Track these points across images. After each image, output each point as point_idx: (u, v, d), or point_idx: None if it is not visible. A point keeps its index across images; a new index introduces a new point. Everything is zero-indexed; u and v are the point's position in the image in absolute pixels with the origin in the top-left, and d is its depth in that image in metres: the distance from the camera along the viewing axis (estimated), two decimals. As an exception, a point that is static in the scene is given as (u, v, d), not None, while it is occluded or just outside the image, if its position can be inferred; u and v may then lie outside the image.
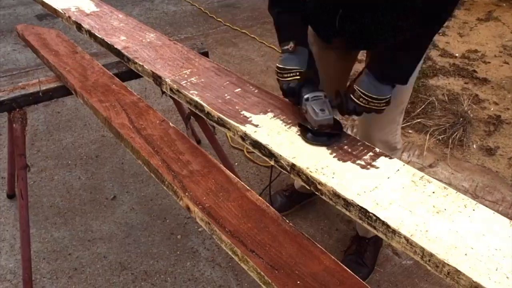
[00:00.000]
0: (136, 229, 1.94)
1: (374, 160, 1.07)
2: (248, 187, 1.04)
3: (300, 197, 1.99)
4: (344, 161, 1.06)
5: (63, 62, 1.57)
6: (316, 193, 1.05)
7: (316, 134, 1.07)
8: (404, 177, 1.01)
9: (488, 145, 2.31)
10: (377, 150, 1.10)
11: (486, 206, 0.97)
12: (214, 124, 1.27)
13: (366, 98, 1.09)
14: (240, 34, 3.73)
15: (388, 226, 0.91)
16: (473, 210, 0.93)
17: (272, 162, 1.14)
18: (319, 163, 1.06)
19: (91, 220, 1.99)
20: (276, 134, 1.15)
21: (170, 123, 1.25)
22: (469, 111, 2.42)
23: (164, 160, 1.11)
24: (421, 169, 2.21)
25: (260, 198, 1.01)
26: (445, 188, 0.98)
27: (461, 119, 2.39)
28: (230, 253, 0.93)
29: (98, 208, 2.05)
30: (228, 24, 3.95)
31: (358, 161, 1.06)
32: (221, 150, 1.91)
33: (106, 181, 2.19)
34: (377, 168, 1.04)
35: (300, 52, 1.15)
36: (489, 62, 2.91)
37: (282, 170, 1.12)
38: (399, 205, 0.94)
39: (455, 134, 2.33)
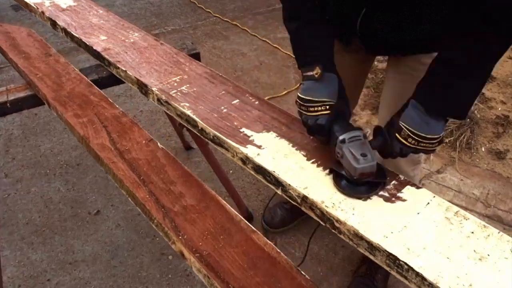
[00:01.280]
0: (123, 249, 1.77)
1: (399, 190, 0.90)
2: (253, 228, 0.87)
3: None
4: (366, 192, 0.90)
5: (34, 67, 1.37)
6: (333, 231, 0.89)
7: (353, 183, 0.87)
8: (437, 213, 0.85)
9: (497, 148, 2.17)
10: (401, 177, 0.94)
11: (500, 216, 0.81)
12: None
13: (416, 138, 0.86)
14: (231, 26, 3.53)
15: (423, 279, 0.75)
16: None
17: (279, 192, 0.97)
18: (335, 195, 0.89)
19: (72, 239, 1.80)
20: (282, 157, 0.99)
21: (159, 144, 1.07)
22: (476, 111, 2.28)
23: (152, 192, 0.93)
24: (429, 175, 2.07)
25: (269, 242, 0.84)
26: (484, 226, 0.83)
27: (468, 120, 2.24)
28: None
29: (80, 224, 1.86)
30: (217, 15, 3.73)
31: (381, 192, 0.90)
32: (214, 158, 1.73)
33: (89, 193, 2.00)
34: (404, 200, 0.88)
35: (328, 79, 0.92)
36: (494, 57, 2.77)
37: (291, 201, 0.96)
38: (434, 250, 0.79)
39: (462, 136, 2.19)
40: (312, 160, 0.97)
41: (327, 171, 0.94)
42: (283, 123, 1.08)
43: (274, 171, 0.95)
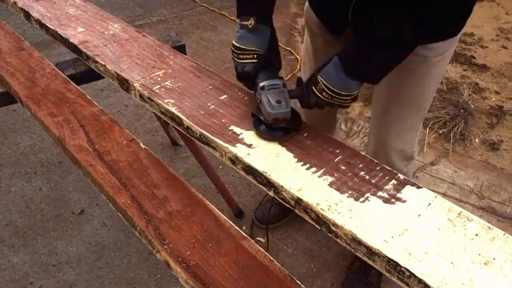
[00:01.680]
0: (109, 249, 1.70)
1: (398, 190, 0.85)
2: (244, 234, 0.81)
3: (294, 205, 1.78)
4: (363, 193, 0.84)
5: (5, 62, 1.28)
6: (330, 235, 0.84)
7: (270, 128, 0.94)
8: (439, 214, 0.81)
9: (491, 139, 2.14)
10: (401, 176, 0.88)
11: (494, 208, 0.76)
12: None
13: (330, 93, 0.92)
14: (218, 16, 3.44)
15: (426, 286, 0.70)
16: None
17: (271, 193, 0.91)
18: (332, 197, 0.84)
19: (56, 240, 1.73)
20: (274, 156, 0.93)
21: (141, 144, 1.00)
22: (470, 102, 2.24)
23: (134, 197, 0.87)
24: (422, 167, 2.03)
25: (261, 249, 0.78)
26: (489, 228, 0.79)
27: (462, 110, 2.20)
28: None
29: (63, 225, 1.79)
30: (204, 5, 3.64)
31: (380, 193, 0.85)
32: (201, 153, 1.66)
33: (72, 192, 1.93)
34: (404, 201, 0.83)
35: (261, 30, 0.98)
36: (487, 47, 2.73)
37: (284, 203, 0.90)
38: (437, 255, 0.74)
39: (456, 127, 2.15)
40: (306, 160, 0.91)
41: (321, 171, 0.89)
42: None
43: (265, 172, 0.89)
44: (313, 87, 0.94)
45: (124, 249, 1.69)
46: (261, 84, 0.95)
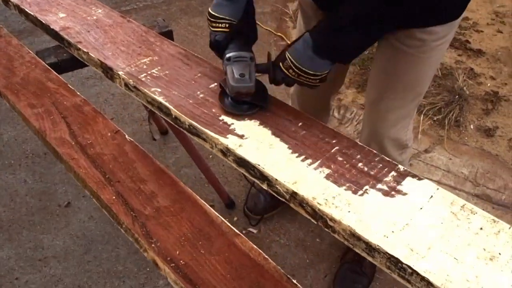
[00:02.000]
0: (97, 242, 1.65)
1: (399, 182, 0.81)
2: (236, 231, 0.76)
3: (286, 194, 1.74)
4: (361, 185, 0.80)
5: (-18, 50, 1.21)
6: (327, 230, 0.80)
7: (235, 101, 0.91)
8: (441, 207, 0.77)
9: (486, 125, 2.11)
10: (401, 168, 0.84)
11: (489, 195, 0.74)
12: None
13: (297, 70, 0.89)
14: (207, 1, 3.35)
15: (430, 284, 0.67)
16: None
17: (264, 186, 0.87)
18: (328, 190, 0.80)
19: (42, 233, 1.68)
20: (267, 147, 0.88)
21: (127, 136, 0.95)
22: (465, 87, 2.20)
23: (120, 193, 0.82)
24: (416, 154, 2.00)
25: (255, 247, 0.74)
26: (494, 221, 0.75)
27: (457, 96, 2.17)
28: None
29: (49, 218, 1.74)
30: (192, -11, 3.54)
31: (379, 185, 0.81)
32: (191, 143, 1.61)
33: (58, 184, 1.87)
34: (405, 194, 0.79)
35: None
36: (482, 31, 2.69)
37: (278, 197, 0.86)
38: (440, 250, 0.70)
39: (451, 114, 2.12)
40: (301, 151, 0.86)
41: (318, 163, 0.84)
42: (268, 109, 0.97)
43: (258, 164, 0.85)
44: (280, 63, 0.91)
45: (113, 242, 1.65)
46: (227, 55, 0.92)
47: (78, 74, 2.42)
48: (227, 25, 0.94)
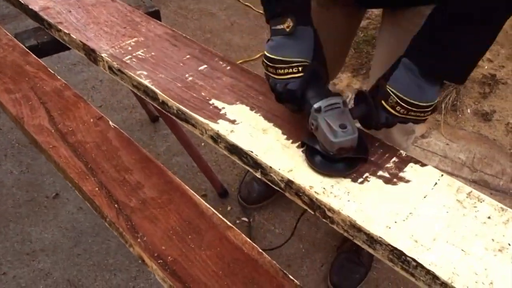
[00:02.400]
0: (86, 234, 1.60)
1: (401, 169, 0.76)
2: (229, 223, 0.71)
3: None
4: (361, 172, 0.75)
5: (-44, 33, 1.14)
6: (325, 220, 0.75)
7: (330, 159, 0.73)
8: (446, 195, 0.73)
9: (483, 109, 2.07)
10: (403, 153, 0.79)
11: (486, 181, 0.69)
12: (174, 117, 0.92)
13: (406, 106, 0.72)
14: (197, -17, 3.26)
15: (435, 277, 0.62)
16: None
17: (258, 175, 0.82)
18: (326, 179, 0.74)
19: (29, 226, 1.62)
20: (261, 133, 0.83)
21: (111, 122, 0.89)
22: (462, 70, 2.15)
23: (103, 184, 0.76)
24: (413, 140, 1.95)
25: (248, 240, 0.69)
26: (502, 209, 0.71)
27: (454, 79, 2.12)
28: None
29: (37, 210, 1.68)
30: (182, -28, 3.44)
31: (380, 172, 0.76)
32: (181, 131, 1.55)
33: (45, 175, 1.80)
34: (408, 182, 0.74)
35: (302, 34, 0.76)
36: (478, 12, 2.64)
37: (273, 186, 0.80)
38: (446, 241, 0.66)
39: (447, 98, 2.07)
40: (297, 136, 0.81)
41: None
42: (260, 92, 0.91)
43: (251, 151, 0.79)
44: (383, 102, 0.74)
45: (103, 234, 1.59)
46: (316, 106, 0.73)
47: (64, 60, 2.34)
48: (300, 68, 0.75)
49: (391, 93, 0.72)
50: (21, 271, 1.49)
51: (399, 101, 0.72)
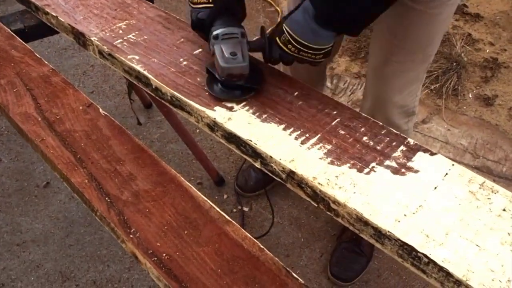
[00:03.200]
0: (78, 224, 1.56)
1: (409, 158, 0.73)
2: (227, 217, 0.67)
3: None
4: (367, 162, 0.71)
5: None
6: (329, 213, 0.71)
7: (226, 86, 0.81)
8: (458, 185, 0.69)
9: (485, 94, 2.03)
10: (411, 141, 0.75)
11: (489, 167, 0.67)
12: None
13: (297, 45, 0.77)
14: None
15: (449, 275, 0.59)
16: None
17: (257, 165, 0.78)
18: (331, 168, 0.71)
19: (19, 216, 1.58)
20: (260, 121, 0.78)
21: (101, 110, 0.84)
22: (462, 54, 2.11)
23: (93, 175, 0.71)
24: (413, 125, 1.91)
25: (248, 235, 0.65)
26: (517, 201, 0.66)
27: (455, 64, 2.08)
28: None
29: (27, 199, 1.64)
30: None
31: (387, 162, 0.72)
32: (176, 117, 1.50)
33: (36, 163, 1.76)
34: (416, 172, 0.71)
35: None
36: (479, -6, 2.58)
37: (274, 176, 0.76)
38: (459, 236, 0.63)
39: (448, 82, 2.03)
40: (298, 124, 0.77)
41: (317, 137, 0.75)
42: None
43: (250, 140, 0.75)
44: (277, 38, 0.79)
45: (95, 224, 1.55)
46: (214, 33, 0.80)
47: (54, 44, 2.28)
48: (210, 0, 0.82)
49: (285, 31, 0.77)
50: (11, 263, 1.46)
51: (290, 39, 0.77)
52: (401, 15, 1.00)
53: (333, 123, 0.78)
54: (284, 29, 0.77)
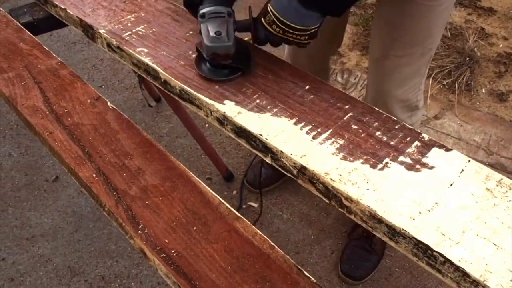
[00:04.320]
0: (87, 219, 1.56)
1: (424, 154, 0.71)
2: (237, 213, 0.65)
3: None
4: (381, 158, 0.69)
5: None
6: (341, 210, 0.69)
7: (214, 66, 0.81)
8: (475, 182, 0.67)
9: (499, 89, 1.99)
10: (425, 137, 0.73)
11: (503, 164, 0.64)
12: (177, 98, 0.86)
13: (281, 26, 0.77)
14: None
15: (466, 274, 0.57)
16: None
17: (268, 160, 0.76)
18: (343, 164, 0.69)
19: (29, 211, 1.58)
20: (271, 115, 0.77)
21: (109, 103, 0.83)
22: (476, 49, 2.07)
23: (101, 170, 0.70)
24: (426, 121, 1.89)
25: (259, 232, 0.63)
26: (536, 199, 0.64)
27: (468, 58, 2.04)
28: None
29: (36, 194, 1.64)
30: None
31: (402, 158, 0.70)
32: (184, 111, 1.48)
33: (45, 157, 1.76)
34: (432, 168, 0.69)
35: None
36: (492, -13, 2.53)
37: (284, 172, 0.75)
38: (476, 235, 0.61)
39: (461, 77, 1.99)
40: (310, 118, 0.75)
41: (329, 132, 0.73)
42: (270, 70, 0.85)
43: (260, 134, 0.74)
44: (262, 18, 0.79)
45: (104, 219, 1.55)
46: (201, 11, 0.81)
47: (63, 38, 2.27)
48: None
49: (270, 12, 0.77)
50: (20, 257, 1.46)
51: (275, 20, 0.77)
52: (400, 7, 0.98)
53: (345, 118, 0.76)
54: (269, 9, 0.77)
